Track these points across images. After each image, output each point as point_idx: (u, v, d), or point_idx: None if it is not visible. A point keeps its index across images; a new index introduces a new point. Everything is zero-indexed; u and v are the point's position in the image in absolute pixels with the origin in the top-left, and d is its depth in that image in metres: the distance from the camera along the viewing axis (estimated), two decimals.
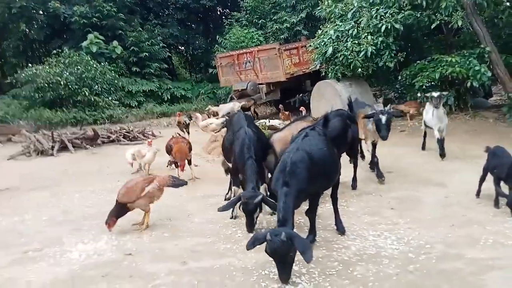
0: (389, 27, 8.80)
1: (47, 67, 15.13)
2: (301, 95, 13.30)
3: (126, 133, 11.82)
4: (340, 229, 4.22)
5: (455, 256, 3.54)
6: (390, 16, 8.86)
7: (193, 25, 23.01)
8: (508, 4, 8.23)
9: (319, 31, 10.38)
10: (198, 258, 3.94)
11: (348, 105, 5.89)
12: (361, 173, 6.09)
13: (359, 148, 6.14)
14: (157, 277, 3.61)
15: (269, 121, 10.60)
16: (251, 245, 3.29)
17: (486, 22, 8.74)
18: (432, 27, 8.75)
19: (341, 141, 5.12)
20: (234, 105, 12.86)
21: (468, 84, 8.45)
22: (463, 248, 3.66)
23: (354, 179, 5.74)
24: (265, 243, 3.20)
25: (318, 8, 11.61)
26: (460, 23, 8.26)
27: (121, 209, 4.67)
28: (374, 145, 5.96)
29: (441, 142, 6.64)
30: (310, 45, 10.93)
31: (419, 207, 4.78)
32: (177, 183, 4.96)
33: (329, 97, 10.01)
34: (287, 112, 11.15)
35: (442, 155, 6.62)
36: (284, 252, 3.14)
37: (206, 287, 3.38)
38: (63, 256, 4.23)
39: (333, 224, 4.44)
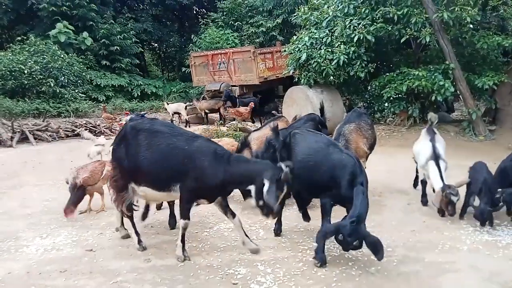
0: (361, 37, 9.05)
1: (10, 54, 14.40)
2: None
3: (92, 128, 11.47)
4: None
5: (414, 259, 3.68)
6: (363, 27, 9.12)
7: (168, 22, 22.72)
8: (471, 26, 8.70)
9: (294, 37, 10.52)
10: (163, 256, 3.87)
11: (320, 110, 6.01)
12: None
13: None
14: (119, 273, 3.52)
15: (240, 123, 10.62)
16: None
17: (451, 41, 9.17)
18: (402, 41, 9.08)
19: None
20: (179, 105, 12.82)
21: (433, 98, 8.83)
22: (422, 252, 3.81)
23: None
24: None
25: (294, 14, 11.77)
26: (428, 39, 8.63)
27: (81, 194, 4.72)
28: None
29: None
30: (285, 50, 11.06)
31: (382, 212, 4.93)
32: None
33: (300, 103, 10.15)
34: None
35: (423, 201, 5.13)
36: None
37: (169, 285, 3.33)
38: (18, 251, 4.05)
39: (299, 225, 4.51)
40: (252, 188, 3.43)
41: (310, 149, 3.84)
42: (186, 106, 12.76)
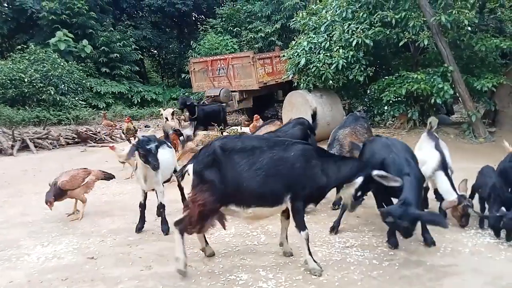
0: (359, 42, 9.09)
1: (10, 63, 14.48)
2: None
3: (92, 135, 11.49)
4: None
5: (416, 262, 3.67)
6: (361, 31, 9.17)
7: (167, 29, 22.83)
8: (469, 28, 8.75)
9: (293, 42, 10.57)
10: (164, 262, 3.86)
11: (312, 116, 5.98)
12: None
13: None
14: (120, 281, 3.51)
15: (240, 128, 10.64)
16: None
17: (449, 43, 9.20)
18: (400, 44, 9.13)
19: None
20: (167, 111, 12.62)
21: (432, 101, 8.85)
22: (424, 255, 3.80)
23: None
24: None
25: (293, 20, 11.84)
26: (426, 42, 8.67)
27: (61, 193, 4.93)
28: None
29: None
30: (284, 55, 11.10)
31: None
32: (108, 176, 5.57)
33: (300, 107, 10.16)
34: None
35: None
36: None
37: None
38: (19, 259, 4.04)
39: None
40: (359, 179, 3.57)
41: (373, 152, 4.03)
42: (173, 112, 12.81)
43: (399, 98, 9.58)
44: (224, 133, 9.43)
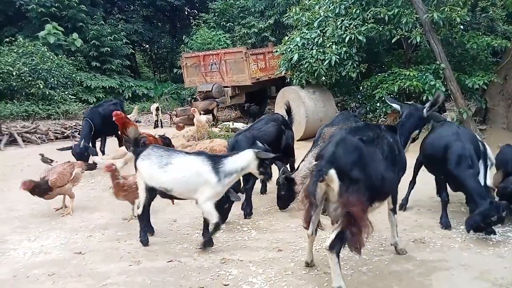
0: (352, 38, 9.07)
1: None
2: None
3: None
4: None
5: (406, 258, 3.68)
6: (354, 27, 9.15)
7: (159, 23, 22.60)
8: (461, 26, 8.78)
9: (286, 38, 10.52)
10: (153, 257, 3.82)
11: (286, 111, 5.93)
12: None
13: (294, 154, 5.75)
14: (108, 276, 3.46)
15: (232, 124, 10.61)
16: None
17: (442, 41, 9.23)
18: (393, 41, 9.14)
19: (275, 146, 5.14)
20: (152, 106, 12.81)
21: (424, 98, 8.88)
22: (413, 250, 3.82)
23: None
24: None
25: (286, 15, 11.79)
26: (418, 39, 8.69)
27: (46, 188, 4.79)
28: None
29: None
30: (277, 51, 11.05)
31: (374, 212, 4.89)
32: (89, 167, 5.78)
33: (293, 104, 10.09)
34: None
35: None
36: None
37: (160, 287, 3.28)
38: (5, 255, 3.97)
39: (291, 225, 4.49)
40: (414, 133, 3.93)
41: None
42: (157, 107, 12.83)
43: (391, 95, 9.58)
44: (215, 129, 9.38)
